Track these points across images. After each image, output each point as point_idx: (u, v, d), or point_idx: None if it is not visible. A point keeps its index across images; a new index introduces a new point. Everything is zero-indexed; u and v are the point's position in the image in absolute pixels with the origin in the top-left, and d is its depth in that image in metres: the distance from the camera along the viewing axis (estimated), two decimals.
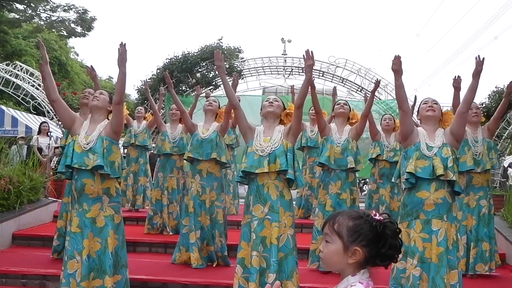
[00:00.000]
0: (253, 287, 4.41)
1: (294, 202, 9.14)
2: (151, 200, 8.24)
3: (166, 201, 7.97)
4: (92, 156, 4.64)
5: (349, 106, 6.54)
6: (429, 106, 4.79)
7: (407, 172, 4.55)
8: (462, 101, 4.75)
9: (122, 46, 4.72)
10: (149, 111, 14.42)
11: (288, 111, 5.02)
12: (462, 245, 6.04)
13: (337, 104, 6.49)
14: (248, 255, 4.58)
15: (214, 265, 6.25)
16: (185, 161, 7.03)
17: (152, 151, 10.46)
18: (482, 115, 12.81)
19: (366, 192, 9.08)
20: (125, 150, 10.06)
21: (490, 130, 6.50)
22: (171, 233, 7.83)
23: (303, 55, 4.83)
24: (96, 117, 4.92)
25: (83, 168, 4.64)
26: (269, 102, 4.98)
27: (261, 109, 5.09)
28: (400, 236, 2.11)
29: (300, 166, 4.89)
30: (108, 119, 4.93)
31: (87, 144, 4.68)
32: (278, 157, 4.63)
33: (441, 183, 4.52)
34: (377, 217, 2.10)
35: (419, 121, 5.05)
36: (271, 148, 4.67)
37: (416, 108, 5.67)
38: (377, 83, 6.84)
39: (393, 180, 5.10)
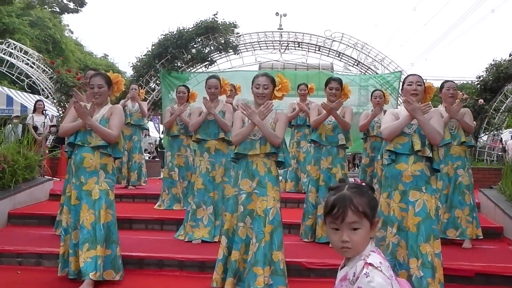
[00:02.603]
0: (236, 255, 4.64)
1: (285, 176, 9.32)
2: (162, 178, 8.44)
3: (177, 177, 8.18)
4: (94, 135, 4.92)
5: (341, 86, 6.48)
6: (413, 90, 4.88)
7: (386, 149, 4.82)
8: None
9: (76, 103, 4.90)
10: (144, 87, 14.36)
11: (278, 88, 4.96)
12: (444, 213, 6.39)
13: (330, 89, 6.44)
14: (231, 226, 4.79)
15: (217, 240, 6.29)
16: (193, 142, 7.10)
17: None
18: (479, 88, 12.90)
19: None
20: None
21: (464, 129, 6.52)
22: (184, 207, 7.94)
23: (242, 109, 4.86)
24: (99, 103, 5.15)
25: (85, 145, 4.92)
26: (259, 94, 4.90)
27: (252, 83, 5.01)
28: None
29: (287, 146, 5.01)
30: (110, 97, 5.29)
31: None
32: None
33: (419, 157, 4.73)
34: (362, 183, 2.14)
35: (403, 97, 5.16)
36: None
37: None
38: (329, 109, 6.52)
39: (378, 158, 5.22)
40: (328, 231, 2.13)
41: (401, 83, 6.53)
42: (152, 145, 24.61)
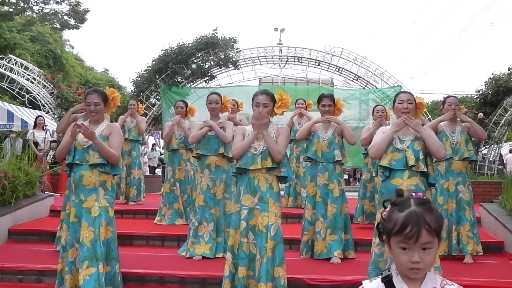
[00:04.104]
0: (243, 271, 4.65)
1: (282, 192, 9.30)
2: (162, 193, 8.49)
3: (179, 192, 8.24)
4: (92, 153, 4.92)
5: (333, 102, 6.55)
6: (404, 108, 4.95)
7: (380, 166, 4.89)
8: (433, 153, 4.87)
9: (82, 127, 4.88)
10: (144, 102, 14.40)
11: (278, 105, 5.02)
12: (444, 228, 6.22)
13: (322, 106, 6.51)
14: (236, 242, 4.81)
15: (221, 256, 6.28)
16: (193, 157, 7.14)
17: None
18: (478, 102, 12.93)
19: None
20: None
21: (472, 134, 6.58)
22: (184, 223, 8.01)
23: (256, 116, 4.90)
24: (95, 120, 5.20)
25: (83, 164, 4.91)
26: (258, 113, 4.92)
27: (252, 101, 5.06)
28: None
29: (288, 160, 5.03)
30: (106, 113, 5.33)
31: (87, 142, 4.94)
32: (270, 155, 4.87)
33: (414, 171, 4.80)
34: (424, 196, 2.03)
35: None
36: (263, 147, 4.89)
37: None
38: None
39: (373, 175, 5.26)
40: (394, 251, 1.97)
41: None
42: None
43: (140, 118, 9.89)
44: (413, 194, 2.02)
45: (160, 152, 23.77)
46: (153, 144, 23.85)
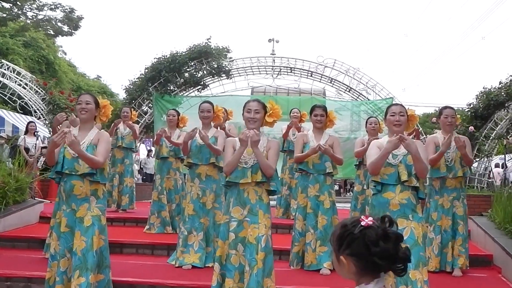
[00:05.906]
0: (230, 283, 4.64)
1: (274, 202, 9.30)
2: (151, 201, 8.46)
3: (166, 200, 8.19)
4: (82, 162, 4.83)
5: (325, 112, 6.55)
6: (396, 121, 4.91)
7: (373, 180, 4.86)
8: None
9: (67, 134, 4.75)
10: (137, 110, 14.38)
11: (269, 113, 5.03)
12: (436, 244, 6.34)
13: (315, 116, 6.52)
14: (224, 253, 4.78)
15: (211, 266, 6.24)
16: (184, 166, 7.13)
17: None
18: (470, 115, 12.98)
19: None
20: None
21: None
22: (172, 232, 8.03)
23: (248, 135, 4.80)
24: (85, 125, 5.10)
25: (73, 173, 4.84)
26: (250, 118, 4.94)
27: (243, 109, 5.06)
28: (398, 243, 1.92)
29: (278, 173, 5.02)
30: (95, 121, 5.20)
31: None
32: (260, 169, 4.83)
33: (406, 186, 4.78)
34: (364, 222, 1.92)
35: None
36: (254, 160, 4.84)
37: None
38: None
39: (365, 188, 5.24)
40: None
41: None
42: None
43: (133, 125, 9.82)
44: (361, 217, 1.98)
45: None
46: (149, 151, 23.79)
